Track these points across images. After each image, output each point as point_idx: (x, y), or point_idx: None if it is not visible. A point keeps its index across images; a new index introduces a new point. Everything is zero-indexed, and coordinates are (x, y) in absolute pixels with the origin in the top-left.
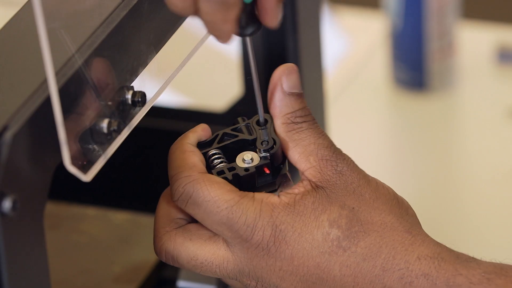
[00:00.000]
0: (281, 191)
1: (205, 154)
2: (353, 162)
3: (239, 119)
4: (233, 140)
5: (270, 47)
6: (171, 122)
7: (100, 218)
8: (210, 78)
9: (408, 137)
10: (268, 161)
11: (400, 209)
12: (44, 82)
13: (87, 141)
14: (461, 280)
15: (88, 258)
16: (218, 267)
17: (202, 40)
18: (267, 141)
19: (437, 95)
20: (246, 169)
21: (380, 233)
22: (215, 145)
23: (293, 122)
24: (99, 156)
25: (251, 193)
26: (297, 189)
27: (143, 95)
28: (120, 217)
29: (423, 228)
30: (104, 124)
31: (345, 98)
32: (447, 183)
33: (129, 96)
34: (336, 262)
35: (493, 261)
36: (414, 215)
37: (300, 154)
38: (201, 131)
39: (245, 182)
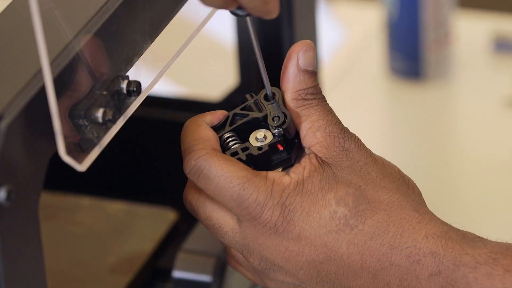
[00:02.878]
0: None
1: (219, 138)
2: (360, 141)
3: (247, 96)
4: (244, 120)
5: (265, 37)
6: (166, 111)
7: (96, 209)
8: (205, 68)
9: (404, 127)
10: (281, 138)
11: (407, 187)
12: (39, 71)
13: (82, 130)
14: (467, 260)
15: (84, 248)
16: (226, 234)
17: (198, 29)
18: (278, 116)
19: (434, 85)
20: (260, 148)
21: (388, 211)
22: (227, 128)
23: (304, 99)
24: (94, 146)
25: (264, 172)
26: (305, 164)
27: (138, 84)
28: (115, 207)
29: None
30: (99, 114)
31: (341, 88)
32: (444, 173)
33: (124, 85)
34: (343, 240)
35: (499, 240)
36: (420, 194)
37: (307, 129)
38: (219, 114)
39: (260, 161)
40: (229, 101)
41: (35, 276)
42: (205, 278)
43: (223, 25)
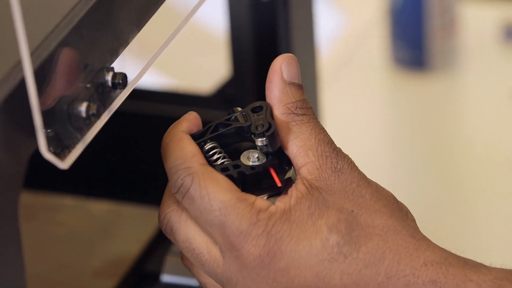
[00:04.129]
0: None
1: (200, 147)
2: (353, 162)
3: (234, 109)
4: (227, 129)
5: (260, 25)
6: (154, 105)
7: (79, 209)
8: (195, 58)
9: (407, 120)
10: (276, 160)
11: (401, 212)
12: (19, 63)
13: (65, 126)
14: (471, 286)
15: (66, 251)
16: (207, 262)
17: (187, 18)
18: (262, 124)
19: (439, 75)
20: (253, 167)
21: (383, 237)
22: (208, 135)
23: (294, 113)
24: (77, 142)
25: (252, 197)
26: (292, 192)
27: (124, 76)
28: (100, 207)
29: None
30: (83, 108)
31: (340, 80)
32: (449, 168)
33: (109, 78)
34: (336, 270)
35: (503, 267)
36: (414, 220)
37: (299, 147)
38: (193, 119)
39: (250, 182)
40: (221, 94)
41: (15, 280)
42: (195, 282)
43: (214, 13)
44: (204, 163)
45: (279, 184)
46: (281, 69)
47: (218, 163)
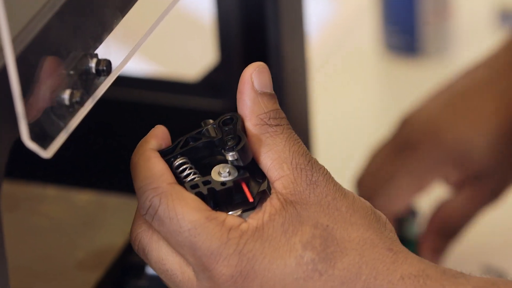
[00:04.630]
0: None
1: (169, 163)
2: (329, 173)
3: (205, 121)
4: (197, 143)
5: (248, 10)
6: (139, 92)
7: (62, 199)
8: (182, 44)
9: (400, 108)
10: (247, 174)
11: (379, 224)
12: (0, 50)
13: (47, 114)
14: None
15: (49, 242)
16: (181, 283)
17: (173, 3)
18: (232, 138)
19: (432, 61)
20: (223, 183)
21: (359, 251)
22: (178, 150)
23: (267, 124)
24: (60, 130)
25: (222, 216)
26: (265, 208)
27: (108, 63)
28: (83, 198)
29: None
30: (66, 95)
31: (331, 67)
32: None
33: (93, 64)
34: None
35: (483, 275)
36: (392, 230)
37: (273, 160)
38: (161, 133)
39: (222, 198)
40: (208, 81)
41: None
42: None
43: None
44: (173, 182)
45: (250, 200)
46: (251, 78)
47: (188, 179)
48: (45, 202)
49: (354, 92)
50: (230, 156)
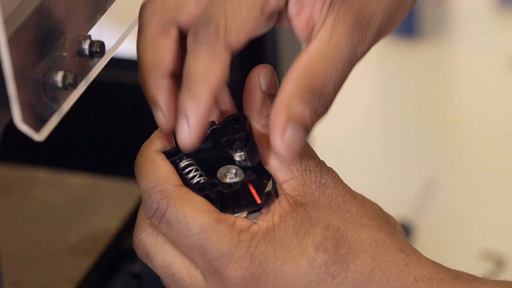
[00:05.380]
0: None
1: (175, 165)
2: (338, 176)
3: (209, 122)
4: (203, 144)
5: None
6: (132, 74)
7: (54, 183)
8: None
9: (398, 90)
10: (255, 176)
11: (389, 226)
12: None
13: (40, 96)
14: None
15: (41, 227)
16: (188, 287)
17: None
18: (239, 138)
19: (430, 43)
20: (230, 185)
21: (371, 253)
22: (183, 152)
23: None
24: (53, 112)
25: (231, 218)
26: (275, 209)
27: (101, 44)
28: (76, 181)
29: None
30: (59, 77)
31: None
32: (440, 136)
33: (86, 46)
34: None
35: (498, 279)
36: (402, 232)
37: (281, 162)
38: (165, 135)
39: (229, 200)
40: None
41: None
42: None
43: None
44: (180, 185)
45: (258, 201)
46: (259, 80)
47: (195, 181)
48: (37, 186)
49: (354, 73)
50: (238, 157)
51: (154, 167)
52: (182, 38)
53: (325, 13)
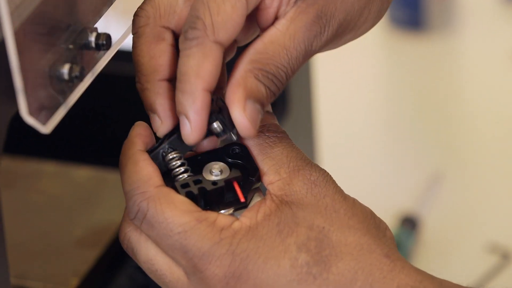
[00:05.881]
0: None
1: (162, 157)
2: (330, 176)
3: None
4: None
5: None
6: None
7: (60, 175)
8: None
9: (404, 81)
10: (239, 174)
11: (378, 230)
12: None
13: (46, 88)
14: None
15: (47, 220)
16: (170, 283)
17: None
18: (212, 111)
19: (436, 35)
20: (214, 183)
21: (355, 256)
22: (166, 141)
23: (265, 135)
24: (60, 105)
25: (213, 216)
26: (259, 208)
27: (108, 37)
28: (82, 174)
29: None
30: (65, 69)
31: None
32: (446, 129)
33: (92, 38)
34: None
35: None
36: (392, 238)
37: (270, 166)
38: (143, 130)
39: (213, 197)
40: None
41: None
42: None
43: None
44: (160, 185)
45: (242, 199)
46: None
47: (179, 177)
48: (43, 179)
49: (358, 66)
50: (215, 129)
51: (136, 168)
52: (177, 41)
53: (291, 6)
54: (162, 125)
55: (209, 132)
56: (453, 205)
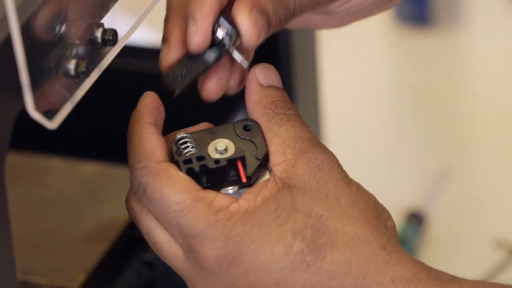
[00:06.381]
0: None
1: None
2: (336, 160)
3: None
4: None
5: None
6: (145, 62)
7: (67, 171)
8: None
9: (410, 77)
10: (243, 154)
11: (378, 220)
12: (4, 19)
13: (53, 84)
14: None
15: (54, 215)
16: (168, 257)
17: None
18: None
19: (443, 32)
20: (217, 161)
21: (351, 247)
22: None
23: (274, 112)
24: (66, 101)
25: (211, 195)
26: (259, 190)
27: (114, 33)
28: (89, 170)
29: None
30: (71, 65)
31: (340, 37)
32: (452, 126)
33: (99, 34)
34: (298, 279)
35: (478, 279)
36: (393, 228)
37: (277, 145)
38: (151, 103)
39: (214, 175)
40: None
41: (0, 245)
42: None
43: None
44: (162, 160)
45: (243, 180)
46: (256, 75)
47: (185, 152)
48: (50, 174)
49: (364, 62)
50: (220, 35)
51: (141, 142)
52: None
53: None
54: (169, 53)
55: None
56: (459, 200)
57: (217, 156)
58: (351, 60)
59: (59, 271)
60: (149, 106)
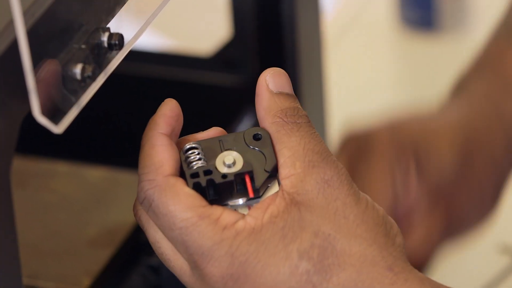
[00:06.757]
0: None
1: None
2: (346, 174)
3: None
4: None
5: None
6: (151, 67)
7: (73, 175)
8: (195, 18)
9: (416, 84)
10: (251, 169)
11: (387, 238)
12: (10, 22)
13: (59, 88)
14: None
15: (60, 219)
16: (174, 268)
17: None
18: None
19: (449, 36)
20: (224, 176)
21: (357, 268)
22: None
23: (284, 121)
24: (72, 105)
25: (217, 212)
26: (267, 206)
27: (120, 37)
28: (95, 174)
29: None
30: (78, 69)
31: (346, 42)
32: None
33: (105, 38)
34: None
35: None
36: (401, 245)
37: (286, 158)
38: (169, 113)
39: (221, 190)
40: (222, 56)
41: (6, 249)
42: None
43: None
44: (169, 175)
45: (251, 195)
46: (266, 81)
47: (193, 164)
48: (56, 178)
49: (370, 67)
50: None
51: (151, 152)
52: None
53: None
54: None
55: None
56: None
57: (225, 170)
58: (357, 65)
59: (65, 275)
60: (166, 115)
